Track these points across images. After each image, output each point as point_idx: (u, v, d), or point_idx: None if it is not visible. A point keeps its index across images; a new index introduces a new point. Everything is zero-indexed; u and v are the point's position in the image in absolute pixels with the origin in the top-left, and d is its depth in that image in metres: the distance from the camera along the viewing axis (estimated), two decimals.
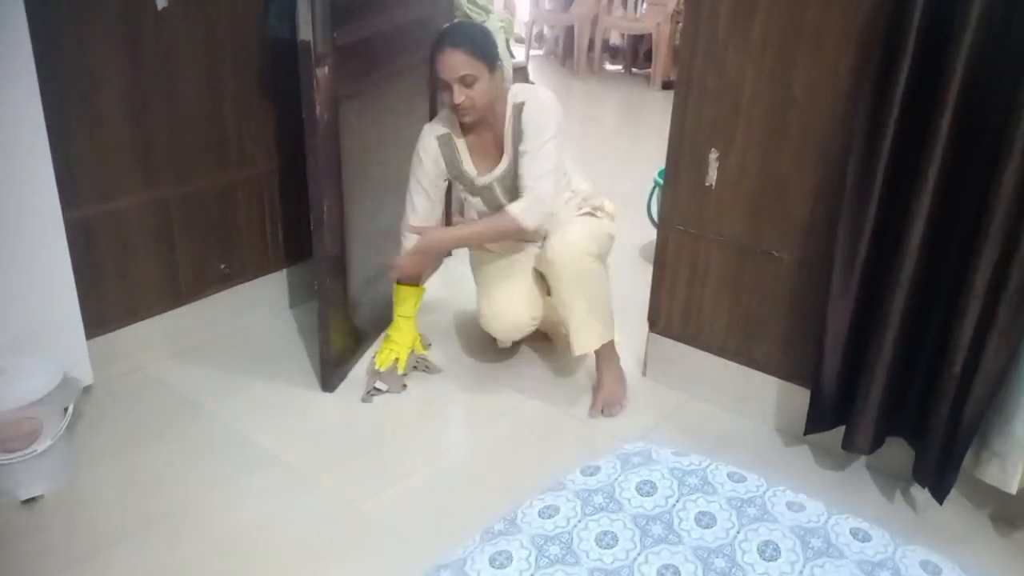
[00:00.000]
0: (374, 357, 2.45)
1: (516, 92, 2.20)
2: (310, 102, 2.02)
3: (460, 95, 2.08)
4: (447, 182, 2.35)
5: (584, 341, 2.24)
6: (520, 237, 2.29)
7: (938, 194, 1.69)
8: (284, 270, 2.79)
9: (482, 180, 2.27)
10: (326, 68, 2.02)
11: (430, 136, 2.26)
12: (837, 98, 1.87)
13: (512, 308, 2.31)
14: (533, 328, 2.38)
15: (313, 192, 2.13)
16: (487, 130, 2.23)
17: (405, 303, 2.42)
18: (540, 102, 2.17)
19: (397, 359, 2.39)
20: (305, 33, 1.96)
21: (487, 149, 2.26)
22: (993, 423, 1.78)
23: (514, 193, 2.24)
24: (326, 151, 2.11)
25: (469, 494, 1.96)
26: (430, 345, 2.56)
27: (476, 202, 2.33)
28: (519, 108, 2.17)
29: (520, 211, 2.14)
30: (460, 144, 2.27)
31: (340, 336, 2.36)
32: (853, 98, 1.81)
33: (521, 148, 2.16)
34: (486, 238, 2.35)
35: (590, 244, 2.18)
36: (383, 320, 2.69)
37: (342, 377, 2.40)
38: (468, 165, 2.27)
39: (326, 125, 2.07)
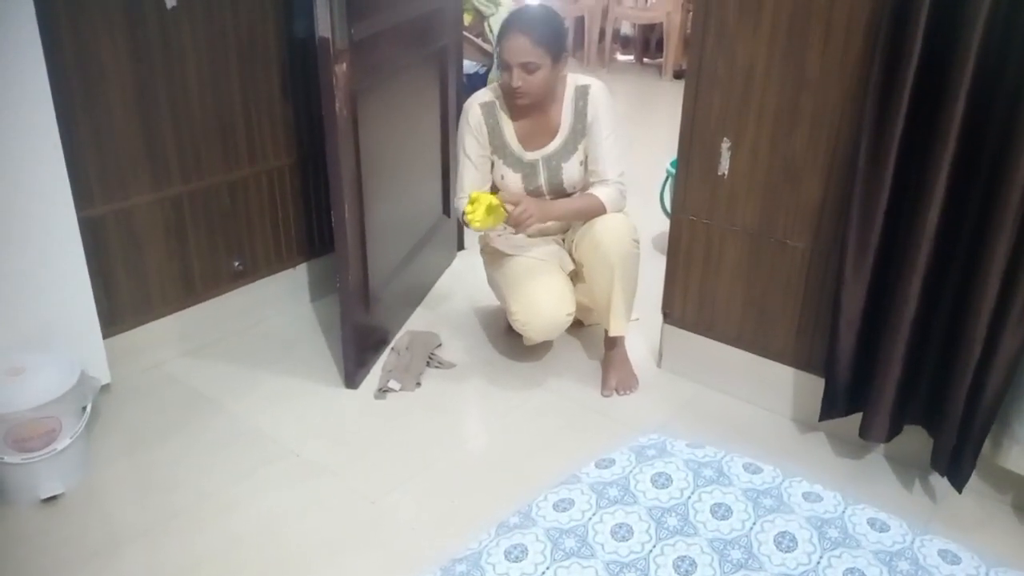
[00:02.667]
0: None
1: (576, 77, 2.28)
2: (330, 99, 2.01)
3: (519, 80, 2.14)
4: (488, 157, 2.33)
5: (622, 323, 2.28)
6: (590, 217, 2.24)
7: (951, 177, 1.67)
8: (302, 265, 2.80)
9: (529, 156, 2.29)
10: (344, 64, 2.02)
11: (474, 104, 2.31)
12: (848, 83, 1.85)
13: (548, 307, 2.25)
14: (568, 324, 2.32)
15: (334, 189, 2.13)
16: (539, 112, 2.26)
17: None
18: (603, 87, 2.27)
19: (491, 203, 2.15)
20: (324, 30, 1.96)
21: (536, 128, 2.28)
22: (1013, 408, 1.76)
23: (556, 172, 2.28)
24: (346, 147, 2.11)
25: (485, 488, 1.96)
26: (440, 345, 2.55)
27: (515, 179, 2.30)
28: (583, 90, 2.24)
29: (608, 200, 2.21)
30: (504, 114, 2.29)
31: (362, 331, 2.36)
32: (864, 83, 1.79)
33: (592, 129, 2.22)
34: (571, 216, 2.30)
35: (632, 230, 2.24)
36: (403, 314, 2.71)
37: (365, 373, 2.40)
38: (511, 137, 2.29)
39: (345, 121, 2.08)
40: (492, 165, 2.35)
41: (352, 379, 2.34)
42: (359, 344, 2.34)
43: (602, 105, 2.23)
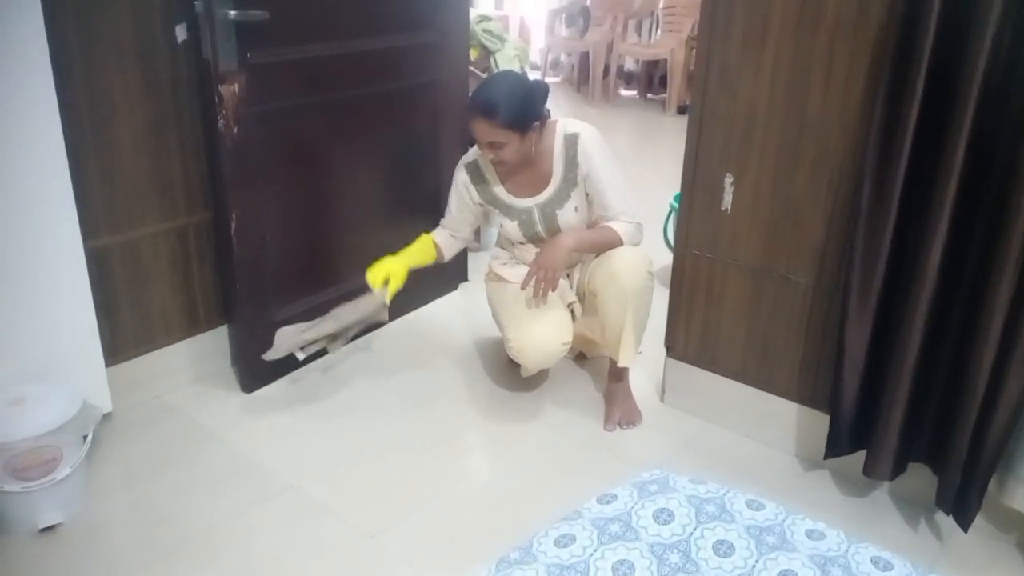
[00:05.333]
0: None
1: (566, 123, 2.29)
2: (211, 117, 2.15)
3: (491, 154, 2.21)
4: (481, 207, 2.42)
5: (631, 354, 2.27)
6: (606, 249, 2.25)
7: (954, 217, 1.67)
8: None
9: (522, 204, 2.33)
10: (235, 86, 2.11)
11: (461, 166, 2.41)
12: (850, 122, 1.87)
13: (543, 335, 2.25)
14: (564, 354, 2.32)
15: (221, 203, 2.23)
16: (527, 165, 2.29)
17: (418, 253, 2.44)
18: (593, 132, 2.27)
19: (388, 280, 2.35)
20: (205, 51, 2.08)
21: (526, 178, 2.32)
22: (1018, 447, 1.75)
23: (552, 219, 2.31)
24: (232, 165, 2.20)
25: (485, 522, 1.95)
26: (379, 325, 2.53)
27: (512, 226, 2.36)
28: (573, 139, 2.25)
29: (625, 233, 2.24)
30: (489, 171, 2.35)
31: (262, 341, 2.33)
32: (866, 121, 1.80)
33: (591, 179, 2.24)
34: (589, 248, 2.29)
35: (648, 262, 2.25)
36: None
37: (260, 380, 2.46)
38: (500, 190, 2.35)
39: (235, 140, 2.17)
40: (486, 214, 2.46)
41: (248, 384, 2.43)
42: (253, 351, 2.37)
43: (595, 154, 2.24)
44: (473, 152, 2.39)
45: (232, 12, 2.04)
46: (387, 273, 2.35)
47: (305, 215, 2.51)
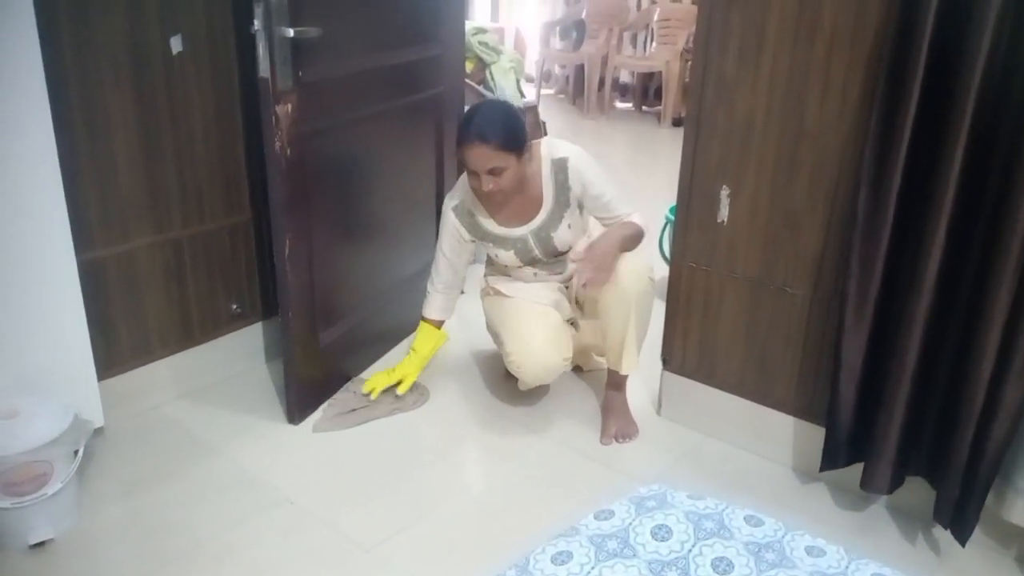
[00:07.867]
0: (363, 382, 2.50)
1: (551, 146, 2.25)
2: (270, 139, 2.05)
3: (489, 183, 2.13)
4: (473, 243, 2.38)
5: (633, 360, 2.27)
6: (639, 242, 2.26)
7: (951, 226, 1.67)
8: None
9: (516, 233, 2.30)
10: (288, 105, 2.05)
11: (447, 209, 2.35)
12: (847, 132, 1.87)
13: (544, 350, 2.23)
14: (565, 369, 2.31)
15: (276, 227, 2.16)
16: (516, 193, 2.24)
17: (425, 343, 2.46)
18: (580, 152, 2.25)
19: (400, 381, 2.44)
20: (263, 71, 2.00)
21: (516, 207, 2.27)
22: (1017, 460, 1.74)
23: (547, 241, 2.29)
24: (289, 187, 2.13)
25: (481, 537, 1.93)
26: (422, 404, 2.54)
27: (508, 255, 2.33)
28: (561, 163, 2.22)
29: (643, 224, 2.26)
30: (478, 208, 2.31)
31: (311, 369, 2.37)
32: (862, 133, 1.80)
33: (588, 198, 2.24)
34: (630, 245, 2.24)
35: (649, 268, 2.24)
36: (374, 352, 2.73)
37: (308, 408, 2.40)
38: (491, 225, 2.31)
39: (289, 161, 2.10)
40: (477, 248, 2.42)
41: (295, 416, 2.36)
42: (307, 381, 2.37)
43: (587, 174, 2.22)
44: (457, 193, 2.34)
45: (290, 30, 1.98)
46: (401, 377, 2.44)
47: (341, 233, 2.46)
